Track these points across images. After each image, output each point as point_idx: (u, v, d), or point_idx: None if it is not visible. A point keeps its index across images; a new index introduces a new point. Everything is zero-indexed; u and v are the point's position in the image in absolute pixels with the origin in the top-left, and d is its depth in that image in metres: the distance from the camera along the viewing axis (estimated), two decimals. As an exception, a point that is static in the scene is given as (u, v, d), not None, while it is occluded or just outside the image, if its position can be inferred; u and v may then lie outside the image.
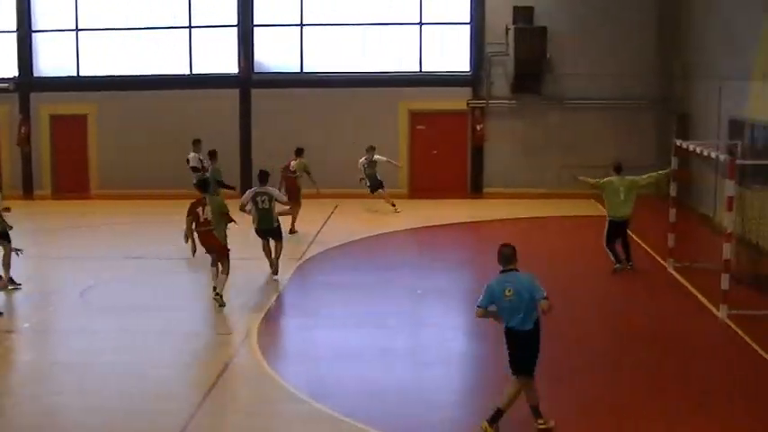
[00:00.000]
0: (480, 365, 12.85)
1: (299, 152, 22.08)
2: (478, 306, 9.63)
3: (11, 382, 12.00)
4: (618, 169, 17.52)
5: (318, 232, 21.81)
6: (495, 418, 9.50)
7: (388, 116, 27.49)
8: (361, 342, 13.54)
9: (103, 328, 14.22)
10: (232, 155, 27.19)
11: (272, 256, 17.15)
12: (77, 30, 28.89)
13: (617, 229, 17.42)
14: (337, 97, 27.74)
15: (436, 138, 27.35)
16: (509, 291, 9.46)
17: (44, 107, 28.80)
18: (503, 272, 9.64)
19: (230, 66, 28.29)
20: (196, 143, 23.00)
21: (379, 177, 24.17)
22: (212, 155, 21.70)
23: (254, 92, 28.12)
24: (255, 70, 28.26)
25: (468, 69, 27.82)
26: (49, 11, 28.98)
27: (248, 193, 17.20)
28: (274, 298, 16.07)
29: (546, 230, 22.68)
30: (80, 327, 14.47)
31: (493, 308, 9.75)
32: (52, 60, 29.12)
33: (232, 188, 21.65)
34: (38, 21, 29.06)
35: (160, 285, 17.11)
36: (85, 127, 28.76)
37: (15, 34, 29.02)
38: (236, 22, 28.18)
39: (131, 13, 28.66)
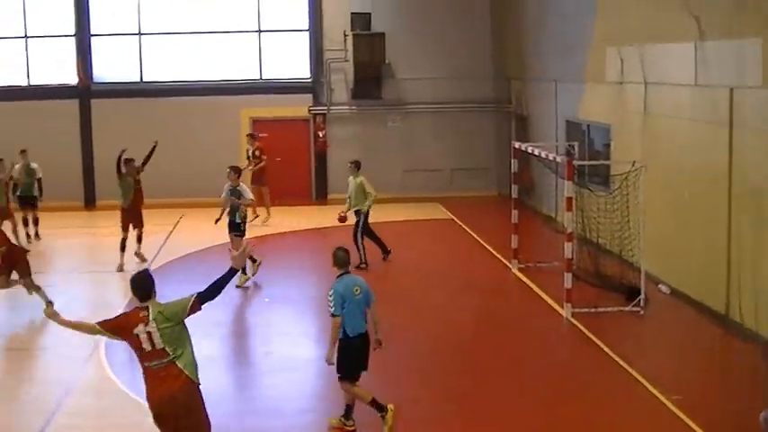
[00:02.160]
0: (324, 372, 12.57)
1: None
2: (335, 315, 9.51)
3: None
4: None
5: (165, 242, 21.11)
6: (348, 413, 9.85)
7: (230, 124, 26.87)
8: (208, 350, 13.00)
9: None
10: (74, 166, 26.29)
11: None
12: None
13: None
14: (178, 106, 26.92)
15: (279, 145, 26.87)
16: (357, 289, 9.59)
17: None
18: (341, 275, 9.64)
19: (69, 76, 26.93)
20: (23, 153, 21.97)
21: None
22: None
23: (94, 102, 26.92)
24: (94, 80, 27.02)
25: (308, 76, 27.63)
26: None
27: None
28: (121, 311, 15.32)
29: (391, 235, 22.56)
30: None
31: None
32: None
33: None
34: None
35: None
36: None
37: None
38: (73, 32, 26.91)
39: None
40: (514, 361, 12.71)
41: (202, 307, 7.78)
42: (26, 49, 27.31)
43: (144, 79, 27.52)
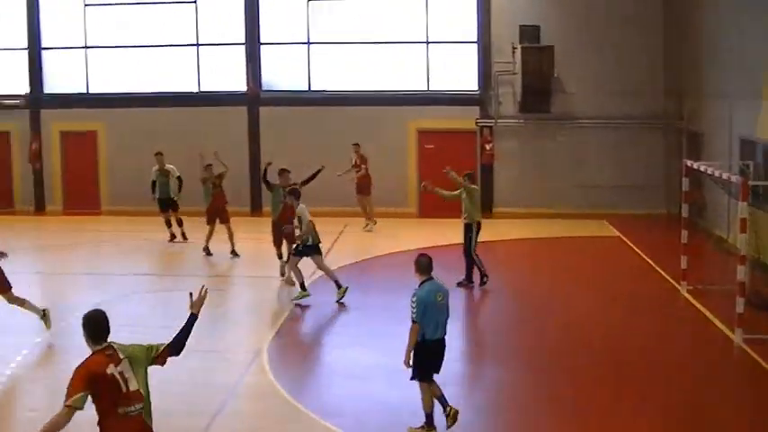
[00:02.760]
0: (486, 386, 12.90)
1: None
2: (416, 321, 9.85)
3: (26, 398, 12.10)
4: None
5: (328, 251, 21.65)
6: (430, 422, 10.09)
7: (397, 135, 27.33)
8: (371, 361, 13.48)
9: None
10: (241, 173, 27.18)
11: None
12: (86, 47, 28.78)
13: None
14: (345, 116, 27.55)
15: (445, 157, 27.02)
16: (440, 296, 9.97)
17: (54, 124, 28.69)
18: (424, 281, 10.00)
19: (238, 83, 27.94)
20: (158, 156, 23.33)
21: None
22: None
23: (263, 109, 27.85)
24: (263, 88, 27.99)
25: (475, 88, 27.72)
26: (58, 28, 28.78)
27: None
28: (284, 317, 16.06)
29: (556, 251, 22.65)
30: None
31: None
32: (62, 77, 28.91)
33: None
34: (48, 38, 28.81)
35: (169, 302, 16.97)
36: (95, 143, 28.68)
37: (26, 51, 28.80)
38: (243, 41, 27.93)
39: (140, 31, 28.48)
40: (680, 390, 12.39)
41: (167, 360, 7.33)
42: (197, 57, 28.44)
43: (312, 88, 28.20)
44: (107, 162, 28.54)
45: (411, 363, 9.95)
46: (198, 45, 28.34)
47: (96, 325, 7.08)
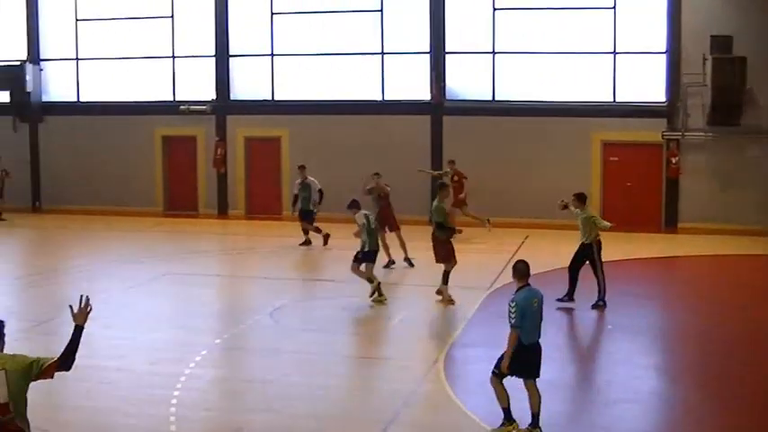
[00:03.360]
0: (667, 405, 13.15)
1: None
2: (515, 326, 10.69)
3: (202, 397, 12.68)
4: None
5: (508, 262, 22.61)
6: (508, 416, 10.89)
7: (580, 147, 28.27)
8: (548, 375, 13.79)
9: (290, 349, 15.34)
10: (422, 181, 28.56)
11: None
12: (273, 55, 30.75)
13: None
14: (529, 126, 28.62)
15: (629, 170, 28.11)
16: (536, 301, 10.78)
17: (240, 130, 30.79)
18: (521, 287, 10.84)
19: (422, 92, 29.42)
20: (301, 169, 25.03)
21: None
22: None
23: (446, 119, 29.28)
24: (447, 97, 29.44)
25: (663, 100, 28.35)
26: (245, 36, 30.91)
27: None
28: (461, 327, 16.68)
29: (739, 268, 22.92)
30: (267, 346, 15.67)
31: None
32: (248, 84, 31.02)
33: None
34: (235, 46, 30.97)
35: (346, 308, 18.00)
36: (279, 149, 30.57)
37: (213, 59, 31.01)
38: (428, 50, 29.45)
39: (324, 40, 30.36)
40: None
41: (55, 375, 7.43)
42: (382, 66, 30.13)
43: (496, 98, 29.53)
44: (290, 168, 30.32)
45: (505, 370, 10.79)
46: (383, 54, 29.89)
47: None
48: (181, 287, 20.40)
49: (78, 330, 7.48)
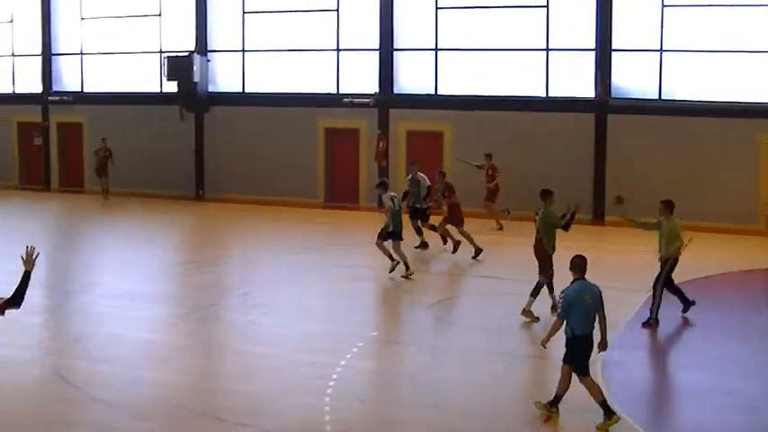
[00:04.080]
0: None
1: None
2: (561, 316, 11.77)
3: (357, 389, 13.28)
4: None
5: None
6: (607, 410, 11.52)
7: (746, 148, 28.42)
8: (704, 383, 13.95)
9: (448, 344, 16.13)
10: (584, 181, 29.20)
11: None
12: (437, 49, 31.66)
13: None
14: (696, 126, 28.95)
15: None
16: (588, 295, 11.57)
17: (402, 123, 31.80)
18: (575, 280, 11.76)
19: (587, 89, 30.00)
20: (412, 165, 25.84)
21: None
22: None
23: (610, 117, 29.70)
24: (613, 95, 29.84)
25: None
26: (410, 30, 31.88)
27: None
28: (621, 329, 16.69)
29: None
30: (425, 341, 16.06)
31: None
32: (412, 78, 32.01)
33: None
34: (399, 39, 31.97)
35: (505, 305, 18.01)
36: (441, 144, 31.47)
37: (378, 52, 32.07)
38: (593, 46, 29.90)
39: (488, 35, 31.32)
40: None
41: (5, 313, 9.36)
42: (546, 61, 30.75)
43: (662, 97, 29.82)
44: (452, 164, 31.05)
45: (546, 346, 12.18)
46: (547, 50, 30.51)
47: None
48: (338, 279, 21.52)
49: (27, 275, 9.39)
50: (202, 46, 34.72)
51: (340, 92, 32.83)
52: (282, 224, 27.25)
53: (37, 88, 38.86)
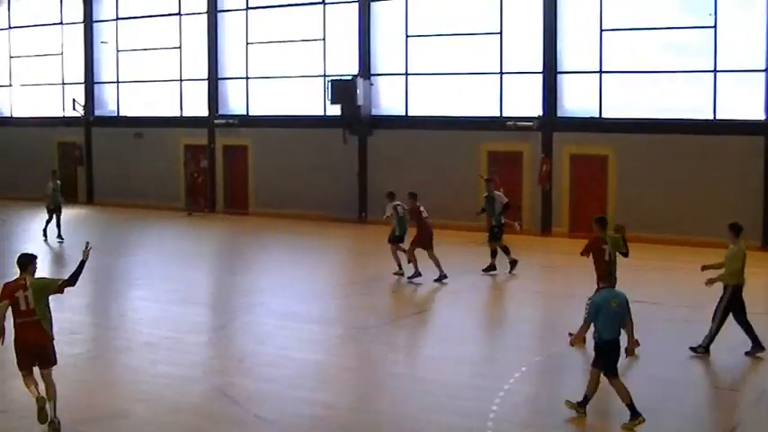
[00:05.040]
0: None
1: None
2: (587, 321, 12.91)
3: (520, 414, 13.69)
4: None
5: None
6: (634, 412, 12.51)
7: None
8: None
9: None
10: (753, 204, 29.49)
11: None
12: (600, 72, 32.28)
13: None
14: None
15: None
16: (615, 302, 12.58)
17: (566, 146, 32.48)
18: (602, 288, 13.19)
19: (756, 111, 30.22)
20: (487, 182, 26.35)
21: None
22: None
23: (780, 140, 29.75)
24: (783, 117, 29.89)
25: None
26: (574, 52, 32.59)
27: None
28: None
29: None
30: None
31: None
32: (576, 101, 32.69)
33: None
34: (564, 62, 32.72)
35: (671, 332, 18.13)
36: (605, 168, 32.02)
37: (541, 75, 32.83)
38: (764, 67, 30.02)
39: (652, 57, 31.77)
40: None
41: (64, 291, 12.53)
42: (714, 83, 30.96)
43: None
44: (616, 188, 31.68)
45: (573, 343, 13.74)
46: (715, 72, 30.73)
47: (19, 260, 12.62)
48: (499, 301, 22.51)
49: (82, 263, 12.60)
50: (366, 69, 35.92)
51: (503, 115, 33.46)
52: (444, 247, 27.63)
53: (203, 112, 40.63)
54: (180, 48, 41.68)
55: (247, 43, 39.59)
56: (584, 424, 13.19)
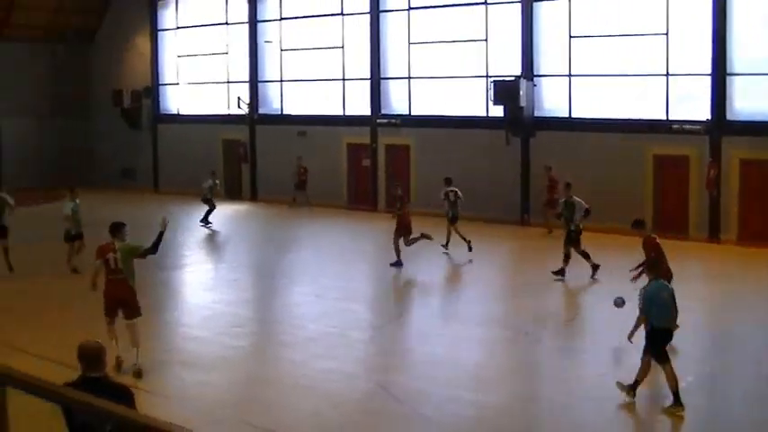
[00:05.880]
0: None
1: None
2: (643, 312, 13.97)
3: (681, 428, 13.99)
4: None
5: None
6: (677, 400, 13.74)
7: None
8: None
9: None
10: None
11: None
12: (774, 75, 31.89)
13: None
14: None
15: None
16: (665, 293, 13.86)
17: (735, 152, 32.23)
18: (652, 280, 14.22)
19: None
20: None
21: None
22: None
23: None
24: None
25: None
26: (745, 53, 32.27)
27: None
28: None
29: None
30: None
31: None
32: (748, 104, 32.34)
33: None
34: (734, 63, 32.41)
35: None
36: (775, 173, 31.65)
37: (710, 77, 32.63)
38: None
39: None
40: None
41: (146, 257, 15.89)
42: None
43: None
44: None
45: (632, 340, 14.36)
46: None
47: (111, 227, 15.96)
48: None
49: (161, 234, 15.63)
50: (529, 70, 36.27)
51: (669, 118, 33.41)
52: (606, 251, 27.47)
53: (366, 111, 41.62)
54: (342, 47, 42.69)
55: (409, 43, 40.26)
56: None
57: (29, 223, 31.11)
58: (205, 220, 35.18)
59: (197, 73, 49.64)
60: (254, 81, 46.61)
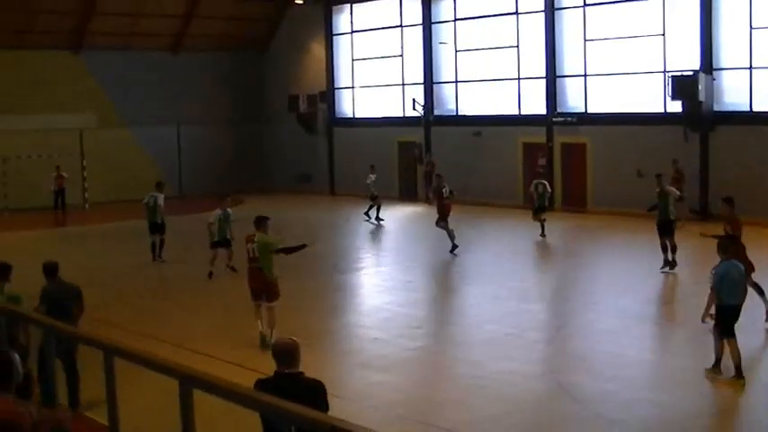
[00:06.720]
0: None
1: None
2: (714, 289, 14.77)
3: None
4: None
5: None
6: (739, 373, 14.80)
7: None
8: None
9: None
10: None
11: None
12: None
13: None
14: None
15: None
16: (735, 271, 14.68)
17: None
18: (723, 260, 14.93)
19: None
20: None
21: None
22: None
23: None
24: None
25: None
26: None
27: None
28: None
29: None
30: None
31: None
32: None
33: None
34: None
35: None
36: None
37: None
38: None
39: None
40: None
41: (278, 254, 17.80)
42: None
43: None
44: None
45: (706, 320, 15.27)
46: None
47: (255, 221, 18.09)
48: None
49: (302, 246, 18.35)
50: (708, 64, 36.32)
51: None
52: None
53: (541, 110, 42.29)
54: (517, 46, 43.43)
55: (585, 40, 40.74)
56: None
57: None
58: (371, 215, 37.96)
59: (372, 76, 51.04)
60: (429, 82, 47.70)
